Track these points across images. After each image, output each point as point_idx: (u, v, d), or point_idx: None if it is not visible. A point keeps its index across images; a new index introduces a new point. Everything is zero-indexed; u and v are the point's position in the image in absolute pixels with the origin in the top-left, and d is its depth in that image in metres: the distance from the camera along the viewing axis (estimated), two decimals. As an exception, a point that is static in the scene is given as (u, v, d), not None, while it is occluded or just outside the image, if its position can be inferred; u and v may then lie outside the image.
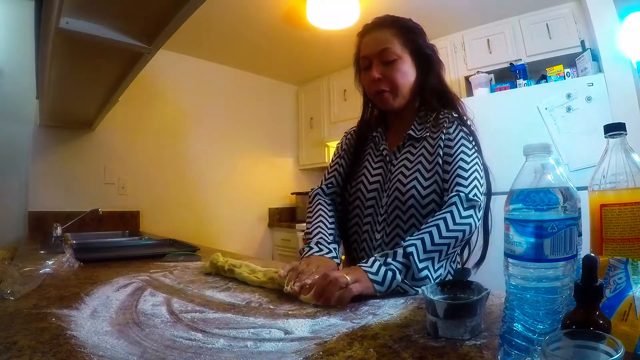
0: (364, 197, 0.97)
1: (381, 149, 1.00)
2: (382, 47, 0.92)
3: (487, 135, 2.23)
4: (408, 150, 0.95)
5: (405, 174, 0.92)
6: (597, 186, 0.51)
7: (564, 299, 0.37)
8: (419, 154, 0.93)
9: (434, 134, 0.92)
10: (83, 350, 0.43)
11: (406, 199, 0.89)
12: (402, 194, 0.90)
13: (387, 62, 0.92)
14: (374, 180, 0.97)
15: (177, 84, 2.93)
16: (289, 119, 3.75)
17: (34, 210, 2.22)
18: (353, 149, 1.06)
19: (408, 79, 0.94)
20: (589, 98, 1.99)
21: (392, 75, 0.92)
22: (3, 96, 2.14)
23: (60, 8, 0.96)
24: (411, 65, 0.94)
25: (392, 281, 0.69)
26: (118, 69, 1.42)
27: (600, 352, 0.29)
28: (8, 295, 0.66)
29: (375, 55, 0.93)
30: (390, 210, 0.92)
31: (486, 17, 2.53)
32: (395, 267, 0.71)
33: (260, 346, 0.45)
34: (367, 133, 1.05)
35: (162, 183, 2.78)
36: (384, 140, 1.00)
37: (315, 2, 2.27)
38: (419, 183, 0.89)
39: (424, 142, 0.94)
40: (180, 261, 1.12)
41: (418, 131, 0.95)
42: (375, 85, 0.93)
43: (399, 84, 0.92)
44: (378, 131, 1.02)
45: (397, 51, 0.92)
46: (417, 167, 0.91)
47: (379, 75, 0.92)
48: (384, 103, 0.96)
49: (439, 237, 0.76)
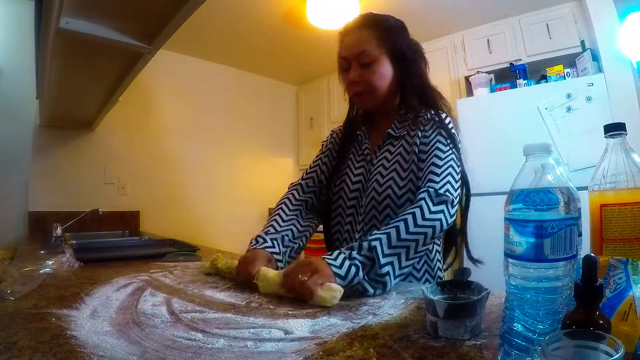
0: (346, 196, 0.98)
1: (363, 148, 1.00)
2: (359, 50, 0.92)
3: (487, 135, 2.26)
4: (387, 149, 0.95)
5: (382, 174, 0.92)
6: (597, 186, 0.51)
7: (564, 299, 0.37)
8: (396, 153, 0.93)
9: (412, 132, 0.93)
10: (83, 350, 0.43)
11: (382, 199, 0.90)
12: (378, 194, 0.90)
13: (364, 64, 0.92)
14: (356, 180, 0.98)
15: (177, 84, 2.93)
16: (289, 119, 3.75)
17: (34, 210, 2.22)
18: (338, 148, 1.07)
19: (385, 80, 0.94)
20: (589, 98, 1.99)
21: (368, 78, 0.92)
22: (3, 96, 2.14)
23: (60, 8, 0.96)
24: (389, 65, 0.94)
25: (354, 277, 0.68)
26: (118, 69, 1.42)
27: (600, 352, 0.29)
28: (8, 295, 0.66)
29: (353, 57, 0.93)
30: (368, 210, 0.92)
31: (486, 17, 2.53)
32: (359, 262, 0.69)
33: (260, 346, 0.45)
34: (352, 132, 1.05)
35: (162, 183, 2.78)
36: (366, 139, 1.01)
37: (315, 2, 2.27)
38: (395, 183, 0.89)
39: (402, 141, 0.94)
40: (180, 261, 1.12)
41: (397, 130, 0.96)
42: (354, 87, 0.95)
43: (376, 86, 0.93)
44: (362, 130, 1.03)
45: (374, 53, 0.92)
46: (394, 167, 0.91)
47: (356, 78, 0.93)
48: (362, 104, 0.98)
49: (406, 233, 0.73)
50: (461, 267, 0.60)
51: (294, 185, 1.07)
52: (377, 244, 0.71)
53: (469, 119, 2.38)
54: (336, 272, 0.67)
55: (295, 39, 2.71)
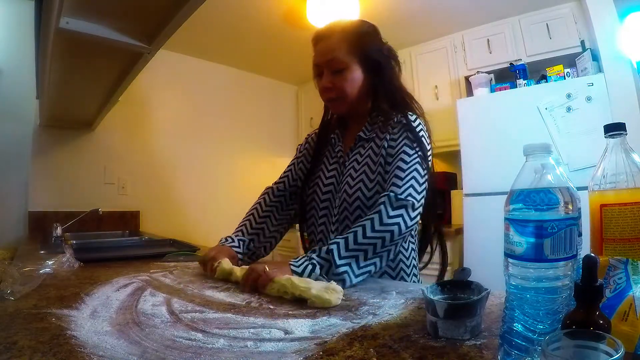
0: (319, 198, 1.01)
1: (337, 151, 1.04)
2: (330, 57, 0.94)
3: (487, 135, 2.26)
4: (358, 151, 0.99)
5: (353, 176, 0.95)
6: (597, 186, 0.51)
7: (564, 299, 0.37)
8: (366, 155, 0.96)
9: (381, 135, 0.95)
10: (83, 350, 0.43)
11: (353, 200, 0.93)
12: (349, 196, 0.93)
13: (335, 70, 0.95)
14: (328, 182, 1.01)
15: (177, 84, 2.93)
16: (289, 119, 3.75)
17: (34, 210, 2.22)
18: (313, 151, 1.10)
19: (356, 85, 0.96)
20: (589, 98, 1.99)
21: (340, 84, 0.95)
22: (3, 96, 2.14)
23: (60, 8, 0.96)
24: (360, 71, 0.96)
25: (310, 274, 0.74)
26: (118, 69, 1.42)
27: (600, 352, 0.29)
28: (8, 295, 0.66)
29: (324, 64, 0.96)
30: (341, 211, 0.95)
31: (486, 17, 2.53)
32: (317, 262, 0.76)
33: (260, 346, 0.45)
34: (326, 135, 1.09)
35: (162, 183, 2.78)
36: (340, 142, 1.04)
37: (315, 2, 2.27)
38: (365, 184, 0.92)
39: (372, 143, 0.97)
40: (180, 261, 1.12)
41: (368, 132, 0.99)
42: (326, 93, 0.98)
43: (347, 92, 0.95)
44: (336, 133, 1.06)
45: (344, 59, 0.94)
46: (363, 169, 0.94)
47: (328, 85, 0.96)
48: (335, 109, 1.02)
49: (363, 237, 0.78)
50: (461, 267, 0.60)
51: (267, 189, 1.12)
52: (334, 248, 0.77)
53: (469, 119, 2.39)
54: (294, 271, 0.74)
55: (295, 39, 2.71)
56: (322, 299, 0.62)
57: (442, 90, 2.79)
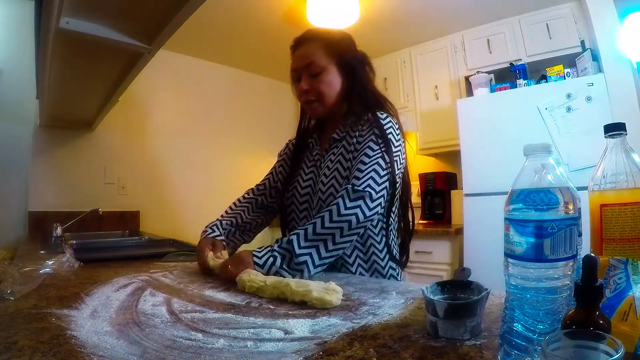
0: (298, 201, 1.05)
1: (314, 154, 1.07)
2: (307, 61, 1.00)
3: (487, 135, 2.26)
4: (332, 152, 1.03)
5: (326, 175, 0.99)
6: (597, 186, 0.51)
7: (564, 299, 0.37)
8: (338, 154, 1.00)
9: (352, 134, 0.99)
10: (83, 350, 0.43)
11: (326, 198, 0.96)
12: (323, 194, 0.97)
13: (313, 74, 0.99)
14: (305, 185, 1.05)
15: (177, 84, 2.93)
16: (289, 119, 3.74)
17: (34, 210, 2.22)
18: (292, 156, 1.14)
19: (333, 88, 1.01)
20: (589, 98, 1.99)
21: (317, 86, 0.99)
22: (3, 96, 2.14)
23: (60, 8, 0.96)
24: (337, 74, 1.01)
25: (271, 265, 0.79)
26: (118, 69, 1.42)
27: (600, 352, 0.29)
28: (8, 295, 0.66)
29: (302, 69, 1.01)
30: (318, 211, 0.98)
31: (486, 17, 2.53)
32: (278, 253, 0.81)
33: (260, 346, 0.45)
34: (304, 139, 1.13)
35: (162, 183, 2.78)
36: (317, 145, 1.08)
37: (315, 2, 2.27)
38: (337, 182, 0.96)
39: (344, 142, 1.01)
40: (180, 261, 1.12)
41: (341, 133, 1.03)
42: (304, 95, 1.02)
43: (325, 94, 1.00)
44: (313, 137, 1.10)
45: (321, 63, 0.99)
46: (335, 166, 0.99)
47: (306, 87, 1.00)
48: (313, 111, 1.04)
49: (321, 227, 0.82)
50: (461, 267, 0.60)
51: (248, 190, 1.19)
52: (294, 238, 0.81)
53: (469, 119, 2.39)
54: (256, 262, 0.79)
55: (295, 39, 2.71)
56: (323, 301, 0.62)
57: (442, 90, 2.79)
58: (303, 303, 0.64)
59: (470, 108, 2.42)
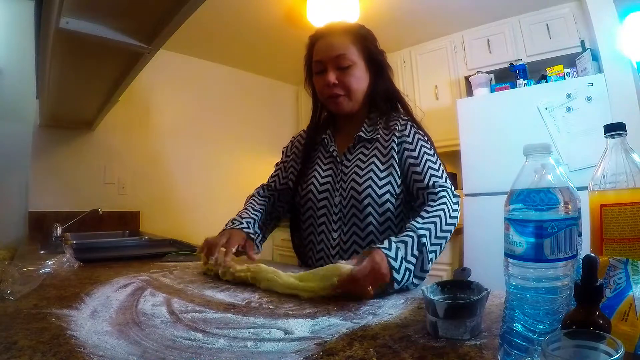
0: (316, 198, 1.00)
1: (331, 150, 1.03)
2: (337, 53, 0.95)
3: (487, 135, 2.26)
4: (360, 151, 0.99)
5: (359, 174, 0.95)
6: (597, 186, 0.51)
7: (564, 299, 0.37)
8: (371, 155, 0.97)
9: (386, 136, 0.96)
10: (83, 350, 0.43)
11: (362, 198, 0.93)
12: (358, 194, 0.93)
13: (342, 67, 0.95)
14: (324, 181, 1.01)
15: (177, 84, 2.93)
16: (289, 119, 3.74)
17: (34, 210, 2.22)
18: (302, 152, 1.09)
19: (362, 84, 0.98)
20: (589, 98, 1.99)
21: (347, 81, 0.95)
22: (3, 96, 2.14)
23: (60, 8, 0.96)
24: (365, 71, 0.98)
25: (406, 281, 0.71)
26: (118, 69, 1.42)
27: (600, 352, 0.29)
28: (8, 295, 0.66)
29: (330, 60, 0.95)
30: (347, 210, 0.95)
31: (486, 17, 2.53)
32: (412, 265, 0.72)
33: (260, 346, 0.45)
34: (316, 136, 1.08)
35: (162, 183, 2.78)
36: (333, 142, 1.04)
37: (315, 2, 2.27)
38: (374, 182, 0.93)
39: (377, 144, 0.98)
40: (180, 261, 1.12)
41: (368, 133, 1.00)
42: (330, 89, 0.96)
43: (354, 89, 0.96)
44: (327, 133, 1.06)
45: (352, 57, 0.95)
46: (370, 167, 0.95)
47: (334, 80, 0.95)
48: (338, 106, 0.99)
49: (440, 231, 0.78)
50: (461, 267, 0.61)
51: (258, 187, 1.14)
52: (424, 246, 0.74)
53: (469, 119, 2.39)
54: (394, 278, 0.68)
55: (295, 39, 2.69)
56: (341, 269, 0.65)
57: (442, 90, 2.79)
58: (303, 302, 0.64)
59: (470, 108, 2.41)
